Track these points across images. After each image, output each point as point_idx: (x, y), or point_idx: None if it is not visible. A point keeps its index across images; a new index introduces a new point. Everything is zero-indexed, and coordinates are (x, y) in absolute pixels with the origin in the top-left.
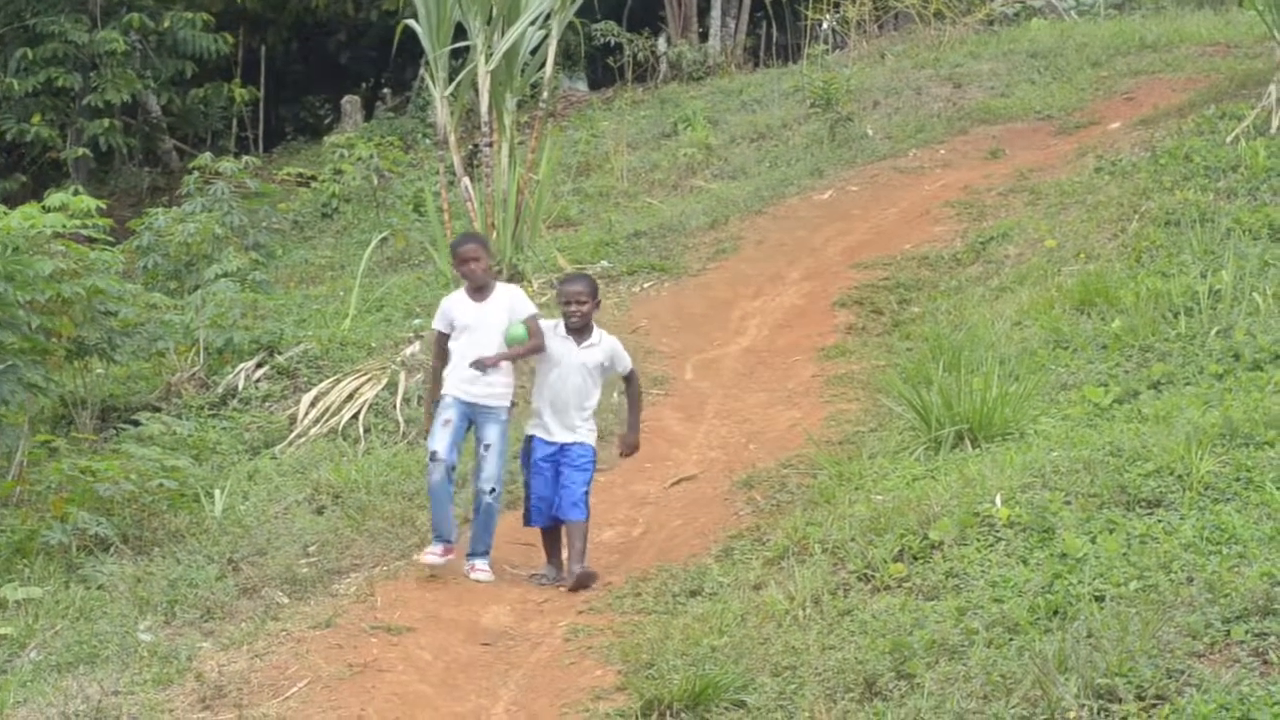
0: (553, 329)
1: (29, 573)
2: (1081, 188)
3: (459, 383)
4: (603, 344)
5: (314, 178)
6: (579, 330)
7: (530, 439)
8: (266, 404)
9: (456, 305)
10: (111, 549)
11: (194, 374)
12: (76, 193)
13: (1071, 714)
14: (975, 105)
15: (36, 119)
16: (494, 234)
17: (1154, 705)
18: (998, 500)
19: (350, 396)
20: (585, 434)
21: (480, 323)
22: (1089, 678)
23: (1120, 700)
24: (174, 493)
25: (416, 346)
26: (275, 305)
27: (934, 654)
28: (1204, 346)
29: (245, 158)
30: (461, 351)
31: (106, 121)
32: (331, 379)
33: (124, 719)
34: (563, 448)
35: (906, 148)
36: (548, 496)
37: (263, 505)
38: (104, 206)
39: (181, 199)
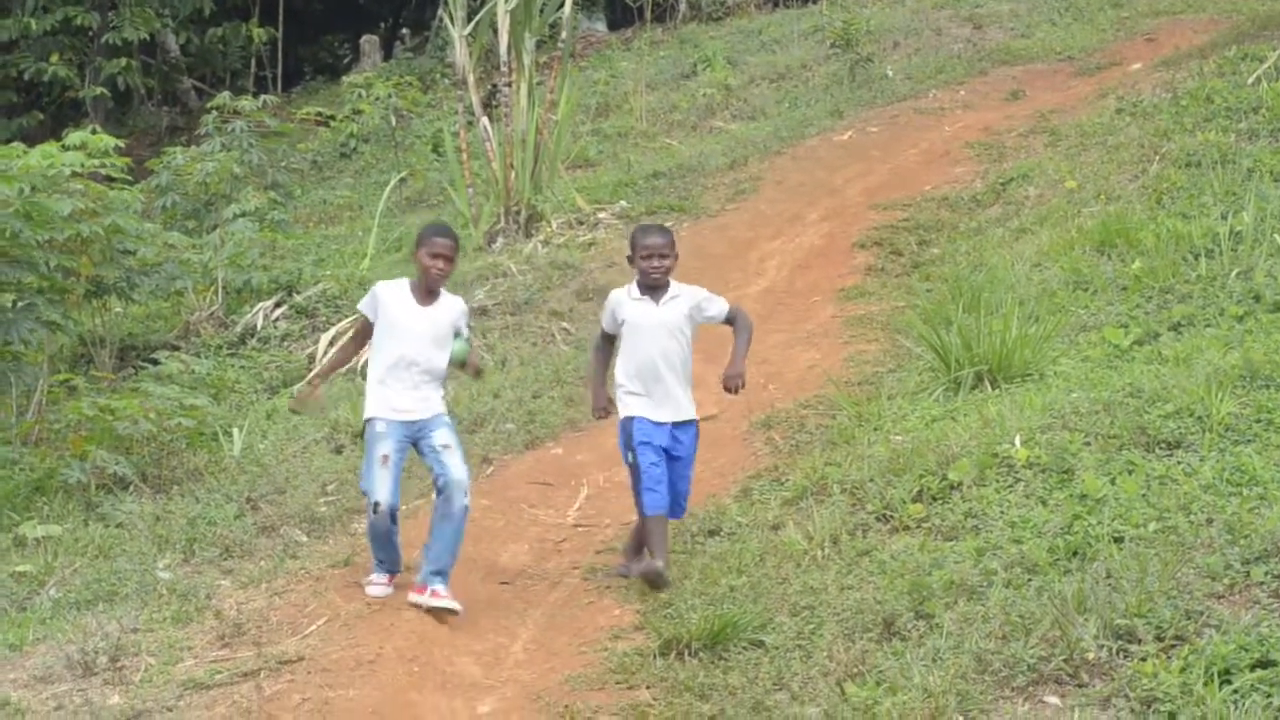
0: (625, 293)
1: (48, 511)
2: (1102, 129)
3: (391, 401)
4: (683, 295)
5: (332, 118)
6: (655, 287)
7: (629, 420)
8: (285, 343)
9: (395, 299)
10: (130, 487)
11: (212, 313)
12: (95, 132)
13: (1090, 655)
14: (995, 46)
15: (54, 58)
16: (512, 174)
17: (1173, 646)
18: (1017, 441)
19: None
20: (691, 408)
21: (422, 330)
22: (1108, 618)
23: (1139, 641)
24: (192, 431)
25: None
26: (294, 245)
27: (952, 594)
28: (1224, 288)
29: (264, 97)
30: (392, 356)
31: (124, 60)
32: (350, 318)
33: (143, 656)
34: (672, 430)
35: (926, 89)
36: (662, 474)
37: (281, 444)
38: (122, 146)
39: (200, 138)
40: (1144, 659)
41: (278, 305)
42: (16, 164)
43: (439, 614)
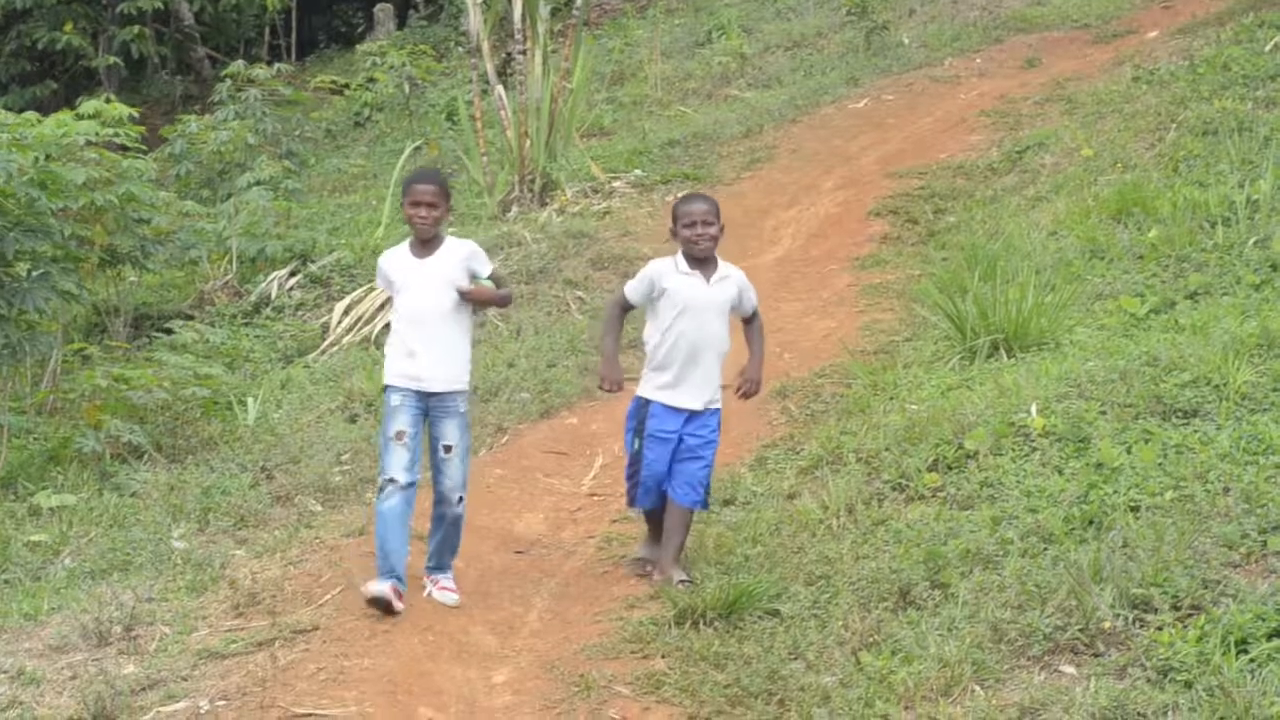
0: (672, 265)
1: (63, 480)
2: (1119, 97)
3: (404, 368)
4: (733, 275)
5: (347, 86)
6: (704, 262)
7: (646, 404)
8: (299, 312)
9: (394, 261)
10: (145, 457)
11: (227, 282)
12: (109, 100)
13: (1106, 624)
14: (1011, 14)
15: (68, 27)
16: (527, 143)
17: (1189, 615)
18: (1033, 410)
19: (383, 305)
20: (717, 394)
21: (425, 280)
22: (1124, 587)
23: (1155, 610)
24: (207, 401)
25: None
26: (308, 214)
27: (968, 563)
28: (1241, 256)
29: (278, 65)
30: (401, 318)
31: (138, 29)
32: (364, 288)
33: (158, 625)
34: (690, 416)
35: (942, 56)
36: (661, 473)
37: (296, 413)
38: (136, 114)
39: (214, 107)
40: (1160, 628)
41: (292, 274)
42: (31, 133)
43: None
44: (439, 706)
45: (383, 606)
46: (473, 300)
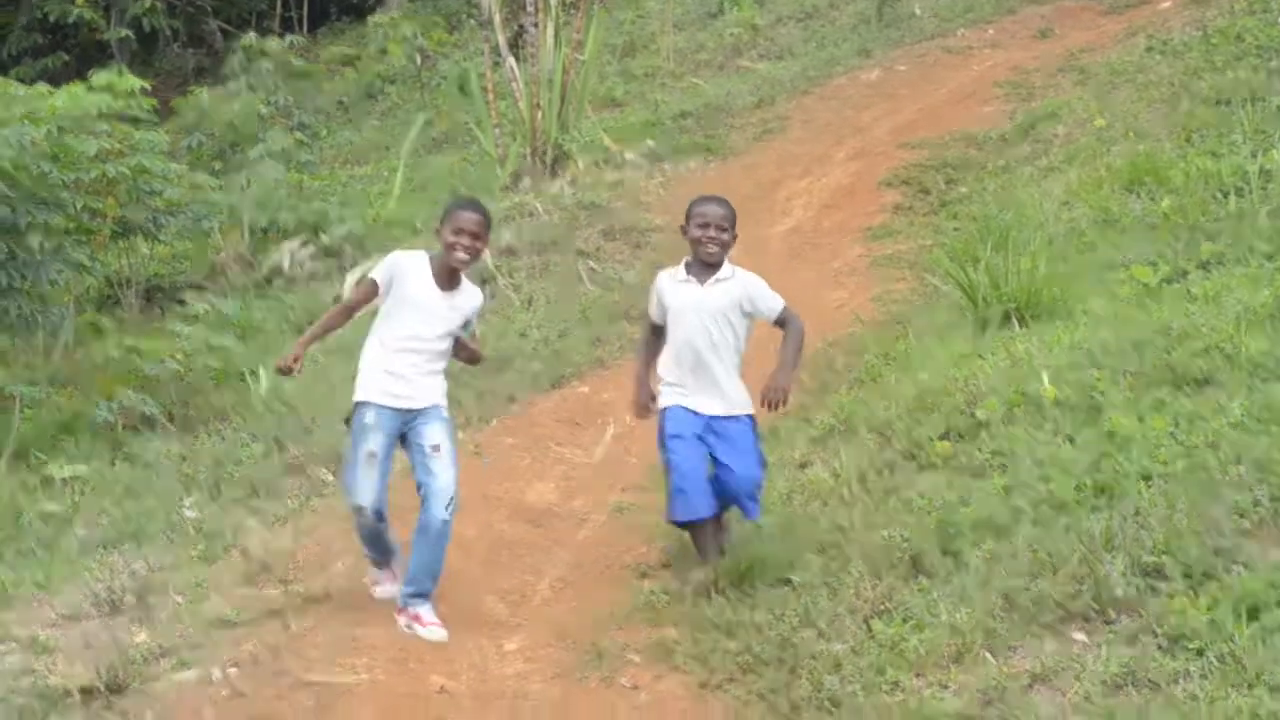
0: (669, 276)
1: (76, 450)
2: (1132, 67)
3: (385, 385)
4: (736, 278)
5: (358, 58)
6: (707, 267)
7: (663, 412)
8: (311, 283)
9: (415, 275)
10: (157, 427)
11: (239, 254)
12: (121, 73)
13: (1118, 592)
14: None
15: (80, 0)
16: (539, 114)
17: (1201, 583)
18: (1045, 379)
19: None
20: (740, 402)
21: (438, 318)
22: (1136, 556)
23: (1167, 578)
24: (219, 371)
25: None
26: (320, 185)
27: (980, 532)
28: (1254, 226)
29: (290, 37)
30: (400, 338)
31: (149, 2)
32: (376, 258)
33: (170, 594)
34: (712, 421)
35: (955, 27)
36: (694, 473)
37: (308, 384)
38: (148, 87)
39: (226, 79)
40: (1172, 596)
41: (304, 245)
42: (43, 105)
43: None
44: (451, 674)
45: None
46: (463, 358)
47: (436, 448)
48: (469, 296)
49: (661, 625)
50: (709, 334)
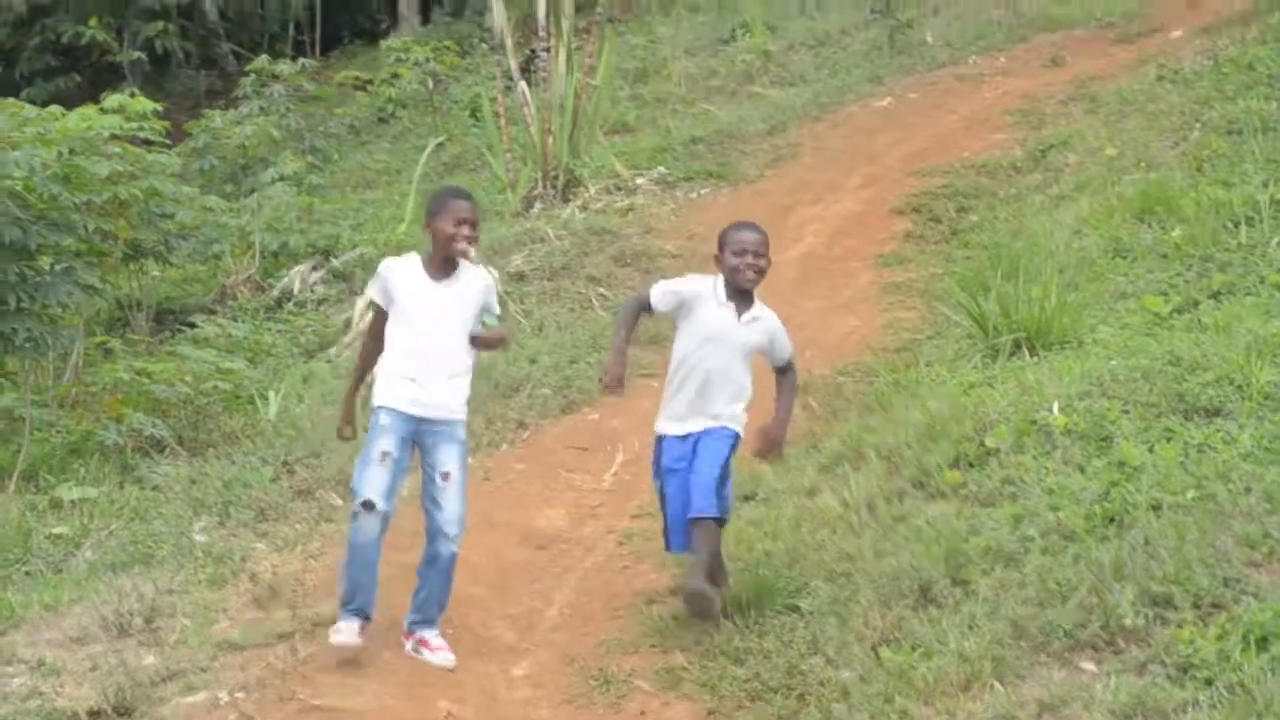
0: (711, 290)
1: (85, 473)
2: (1142, 96)
3: (403, 390)
4: (764, 319)
5: (370, 82)
6: (742, 296)
7: (659, 440)
8: (321, 307)
9: (406, 278)
10: (166, 450)
11: (249, 277)
12: (133, 95)
13: (1127, 621)
14: (1036, 12)
15: (93, 21)
16: (550, 139)
17: (1210, 614)
18: (1055, 408)
19: None
20: (730, 417)
21: (441, 310)
22: (1145, 585)
23: (1176, 608)
24: (229, 395)
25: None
26: (331, 209)
27: (989, 561)
28: (1265, 256)
29: (302, 61)
30: (407, 345)
31: (162, 24)
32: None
33: (178, 617)
34: (700, 437)
35: (966, 55)
36: (682, 510)
37: (317, 408)
38: (160, 109)
39: (238, 102)
40: (1181, 626)
41: (314, 269)
42: (55, 127)
43: (428, 652)
44: (458, 700)
45: (350, 654)
46: (483, 348)
47: (446, 475)
48: (473, 280)
49: (670, 652)
50: (729, 368)
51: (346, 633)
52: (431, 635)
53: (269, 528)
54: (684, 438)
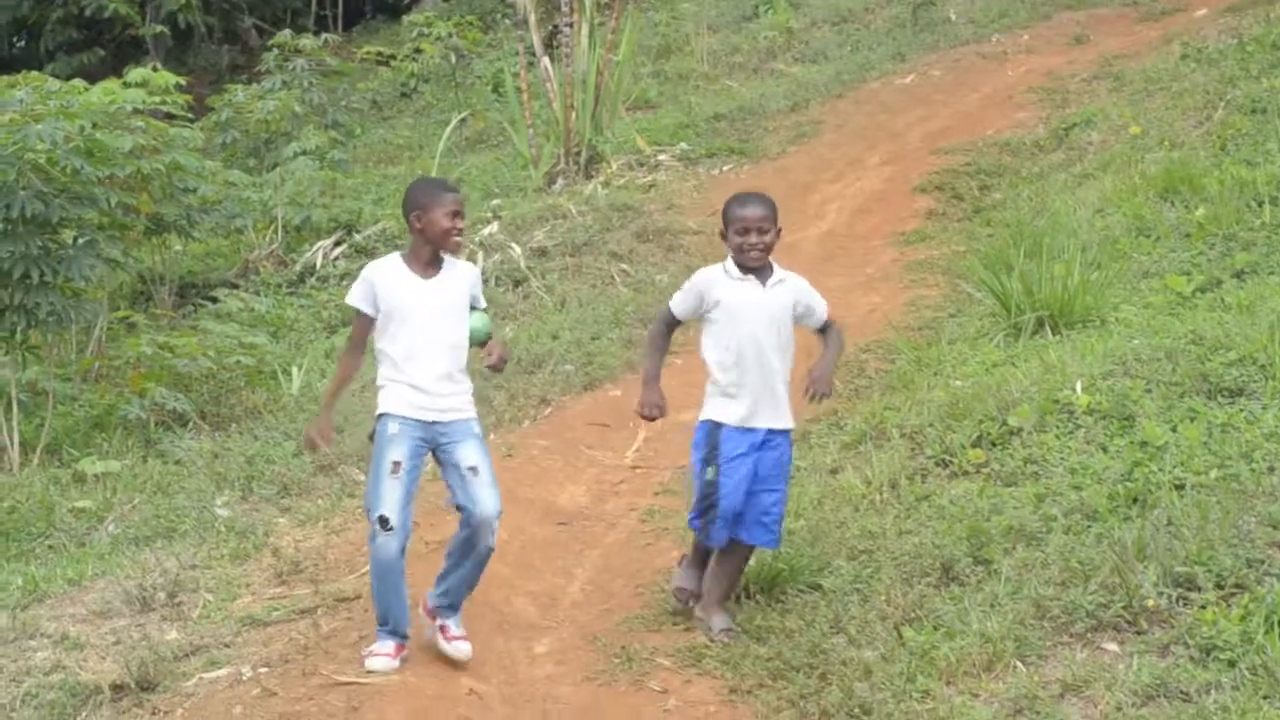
0: (722, 272)
1: (108, 447)
2: (1167, 75)
3: (410, 396)
4: (789, 280)
5: (393, 57)
6: (759, 269)
7: (717, 428)
8: (344, 282)
9: (391, 279)
10: (189, 424)
11: (272, 251)
12: (156, 69)
13: (1150, 602)
14: None
15: None
16: (573, 115)
17: (1233, 594)
18: (1078, 387)
19: None
20: (790, 417)
21: (434, 308)
22: (1168, 566)
23: (1199, 589)
24: (251, 369)
25: (495, 226)
26: (353, 184)
27: (1011, 540)
28: None
29: (324, 36)
30: (405, 349)
31: None
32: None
33: (201, 592)
34: (768, 437)
35: (989, 32)
36: (739, 505)
37: None
38: (183, 83)
39: (260, 77)
40: (1204, 607)
41: (337, 244)
42: (78, 100)
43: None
44: (481, 677)
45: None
46: (494, 369)
47: (474, 469)
48: (460, 273)
49: (692, 629)
50: (776, 334)
51: (382, 656)
52: (452, 623)
53: (291, 503)
54: (749, 431)
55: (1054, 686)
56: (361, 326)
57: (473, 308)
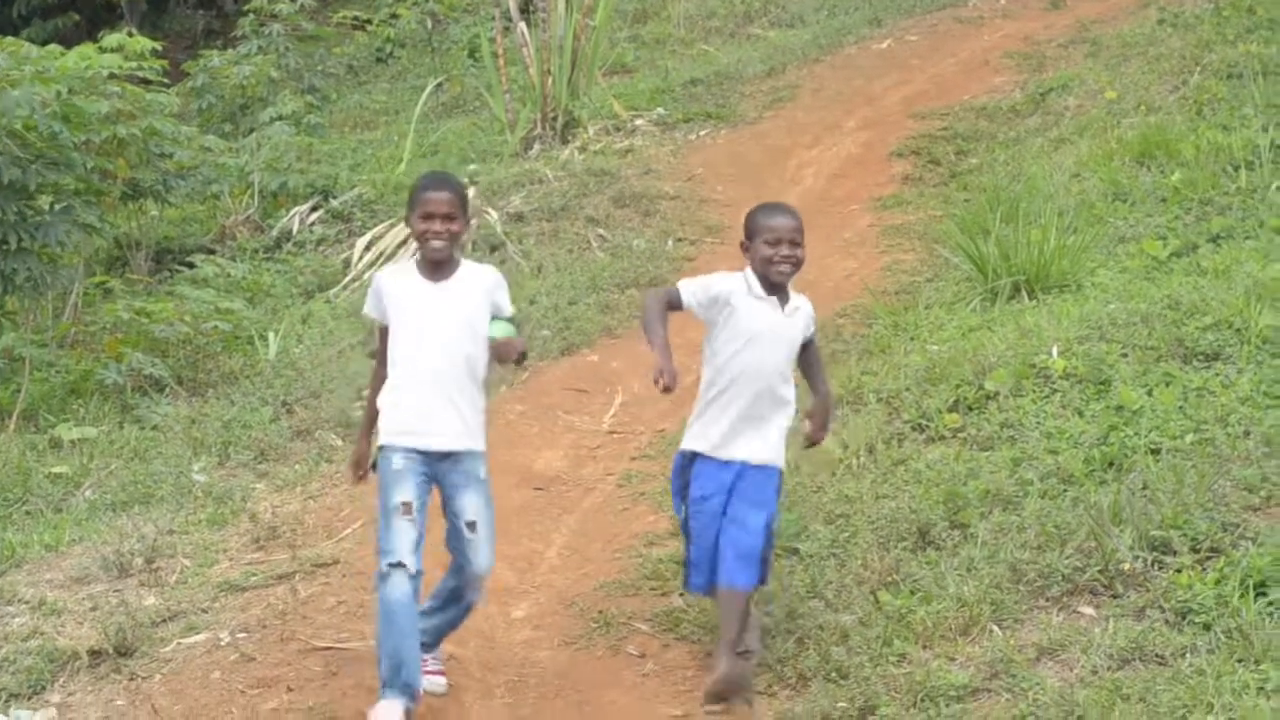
0: (744, 285)
1: (84, 413)
2: (1143, 39)
3: (407, 422)
4: (804, 307)
5: (369, 21)
6: (778, 288)
7: (691, 460)
8: (320, 247)
9: (399, 286)
10: (166, 390)
11: (248, 217)
12: (131, 34)
13: (1125, 565)
14: None
15: None
16: (550, 80)
17: (1208, 558)
18: (1054, 352)
19: (404, 241)
20: (778, 448)
21: (435, 312)
22: (1143, 530)
23: (1175, 552)
24: (228, 335)
25: (472, 192)
26: (330, 149)
27: (988, 504)
28: (1264, 200)
29: (300, 0)
30: (404, 359)
31: None
32: (386, 223)
33: (178, 558)
34: (743, 470)
35: None
36: (710, 546)
37: (316, 348)
38: (159, 48)
39: (236, 41)
40: (1179, 570)
41: (313, 209)
42: (54, 65)
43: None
44: (458, 641)
45: None
46: (502, 359)
47: (473, 525)
48: (474, 278)
49: (669, 594)
50: (781, 370)
51: (391, 712)
52: (430, 657)
53: (268, 468)
54: (725, 464)
55: (1030, 650)
56: (381, 338)
57: (495, 316)
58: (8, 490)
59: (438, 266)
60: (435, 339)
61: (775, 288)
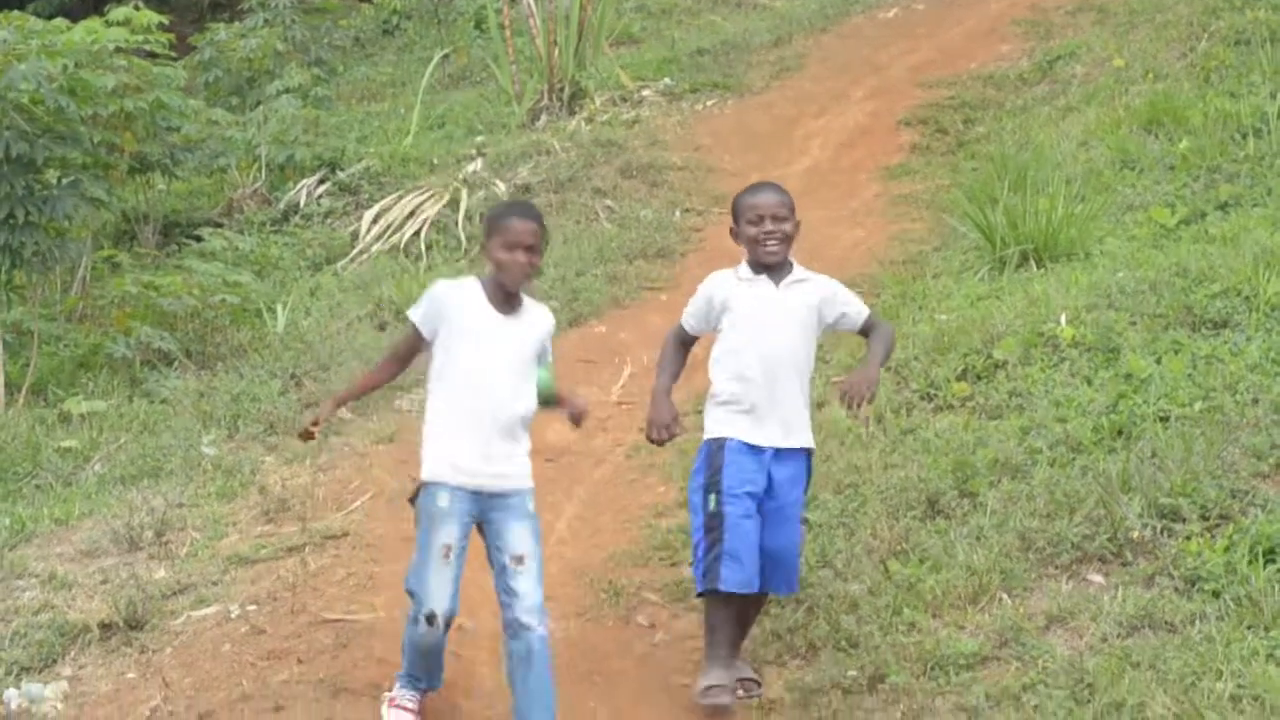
0: (733, 274)
1: (93, 387)
2: (1151, 6)
3: (458, 458)
4: (812, 280)
5: None
6: (772, 266)
7: (719, 446)
8: (328, 220)
9: (465, 305)
10: (174, 363)
11: (256, 190)
12: (138, 8)
13: (1134, 533)
14: None
15: None
16: (556, 51)
17: (1217, 525)
18: (1062, 320)
19: (412, 213)
20: (807, 430)
21: (504, 351)
22: (1152, 497)
23: (1184, 520)
24: (236, 308)
25: (479, 163)
26: (337, 122)
27: (996, 472)
28: (1272, 167)
29: None
30: (463, 391)
31: None
32: (393, 195)
33: (188, 531)
34: (777, 457)
35: None
36: (753, 536)
37: (325, 321)
38: (165, 22)
39: (243, 14)
40: (1188, 538)
41: (321, 182)
42: (60, 39)
43: None
44: (468, 612)
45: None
46: (576, 423)
47: (520, 559)
48: (537, 317)
49: (678, 564)
50: (791, 341)
51: (403, 710)
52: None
53: (278, 441)
54: (758, 450)
55: (1039, 618)
56: (410, 344)
57: (542, 358)
58: (18, 464)
59: (510, 298)
60: (503, 377)
61: (769, 268)
